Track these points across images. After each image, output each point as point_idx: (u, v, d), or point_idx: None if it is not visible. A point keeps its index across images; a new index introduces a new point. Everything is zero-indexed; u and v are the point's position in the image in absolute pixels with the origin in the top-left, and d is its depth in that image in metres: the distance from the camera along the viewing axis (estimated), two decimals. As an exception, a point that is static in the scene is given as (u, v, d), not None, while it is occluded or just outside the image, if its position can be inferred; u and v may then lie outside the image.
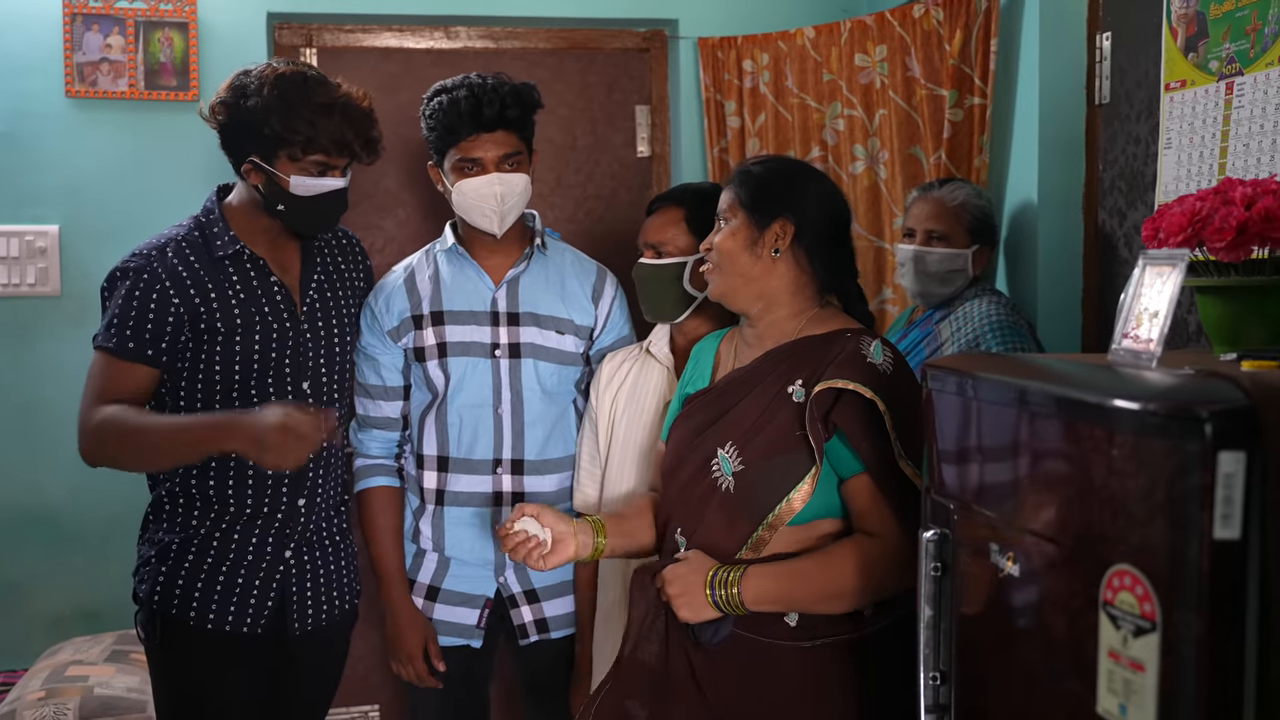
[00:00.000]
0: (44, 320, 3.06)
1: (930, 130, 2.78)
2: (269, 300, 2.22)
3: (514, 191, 2.33)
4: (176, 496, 2.22)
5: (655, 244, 2.30)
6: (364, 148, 2.20)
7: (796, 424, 1.83)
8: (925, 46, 2.77)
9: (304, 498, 2.26)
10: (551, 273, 2.45)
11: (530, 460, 2.39)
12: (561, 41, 3.37)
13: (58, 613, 3.08)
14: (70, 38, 2.99)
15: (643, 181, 3.44)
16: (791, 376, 1.87)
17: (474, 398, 2.38)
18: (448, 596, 2.42)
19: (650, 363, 2.39)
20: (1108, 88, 2.49)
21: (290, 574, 2.25)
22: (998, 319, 2.37)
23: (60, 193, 3.04)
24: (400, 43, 3.30)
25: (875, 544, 1.79)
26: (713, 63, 3.19)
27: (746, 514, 1.85)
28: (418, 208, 3.32)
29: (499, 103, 2.29)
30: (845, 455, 1.81)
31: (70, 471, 3.03)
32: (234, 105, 2.14)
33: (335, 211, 2.24)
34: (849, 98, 2.96)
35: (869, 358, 1.82)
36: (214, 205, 2.24)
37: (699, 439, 1.96)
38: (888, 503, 1.79)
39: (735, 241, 1.93)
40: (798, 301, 1.94)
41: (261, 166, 2.15)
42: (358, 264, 2.45)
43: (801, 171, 1.98)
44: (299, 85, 2.13)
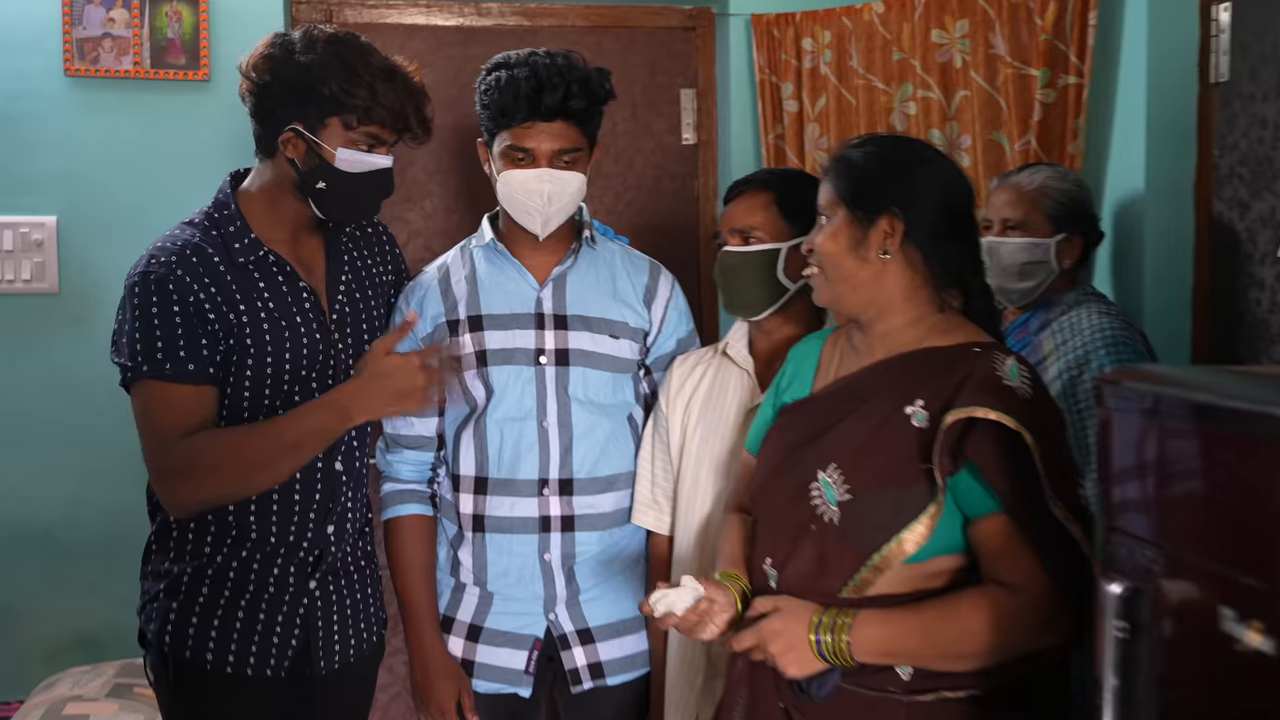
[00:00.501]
0: (40, 320, 2.82)
1: (1016, 114, 2.54)
2: (299, 310, 1.97)
3: (564, 192, 2.09)
4: (186, 522, 1.96)
5: (742, 229, 2.06)
6: (420, 124, 1.96)
7: (916, 453, 1.59)
8: (1013, 21, 2.53)
9: (333, 524, 2.01)
10: (601, 270, 2.21)
11: (580, 479, 2.14)
12: (600, 19, 3.12)
13: (55, 639, 2.86)
14: (70, 11, 2.76)
15: (688, 171, 3.19)
16: (910, 395, 1.63)
17: (516, 410, 2.12)
18: (491, 636, 2.16)
19: (727, 366, 2.15)
20: (1226, 64, 2.24)
21: (315, 608, 2.00)
22: (1111, 333, 2.12)
23: (58, 181, 2.81)
24: (427, 19, 3.05)
25: (1012, 597, 1.55)
26: (767, 41, 2.95)
27: (851, 550, 1.61)
28: (446, 199, 3.07)
29: (563, 90, 2.03)
30: (976, 492, 1.57)
31: (68, 484, 2.82)
32: (281, 60, 1.88)
33: (380, 195, 1.99)
34: (923, 78, 2.71)
35: (1005, 379, 1.57)
36: (229, 198, 1.98)
37: (797, 457, 1.71)
38: (1029, 549, 1.55)
39: (838, 243, 1.70)
40: (914, 307, 1.70)
41: (304, 135, 1.89)
42: (385, 256, 2.20)
43: (910, 154, 1.73)
44: (356, 47, 1.89)
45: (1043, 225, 2.24)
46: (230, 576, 1.94)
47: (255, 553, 1.95)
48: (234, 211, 1.95)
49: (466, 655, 2.15)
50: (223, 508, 1.93)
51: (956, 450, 1.56)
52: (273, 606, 1.96)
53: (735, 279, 2.08)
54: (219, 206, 1.97)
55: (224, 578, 1.94)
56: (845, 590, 1.61)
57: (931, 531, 1.57)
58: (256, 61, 1.90)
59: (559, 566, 2.14)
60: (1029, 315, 2.28)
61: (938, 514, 1.57)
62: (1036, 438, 1.52)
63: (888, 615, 1.57)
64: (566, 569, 2.14)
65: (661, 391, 2.21)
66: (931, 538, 1.58)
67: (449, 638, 2.17)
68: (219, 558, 1.94)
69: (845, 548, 1.61)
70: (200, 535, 1.95)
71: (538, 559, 2.13)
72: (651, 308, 2.22)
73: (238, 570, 1.95)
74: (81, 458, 2.81)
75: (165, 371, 1.84)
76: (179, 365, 1.85)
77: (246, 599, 1.94)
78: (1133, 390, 1.22)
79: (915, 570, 1.60)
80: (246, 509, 1.93)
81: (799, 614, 1.60)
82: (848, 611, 1.58)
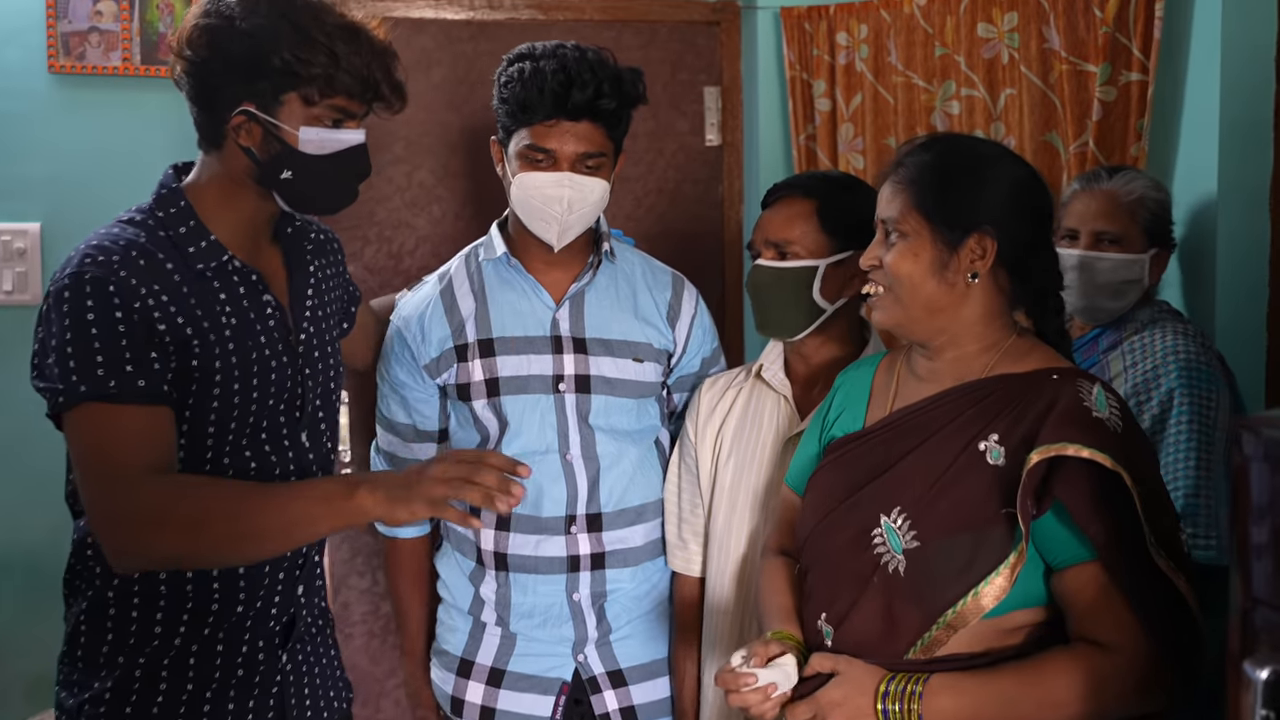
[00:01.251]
0: (23, 334, 2.57)
1: (1071, 113, 2.36)
2: (264, 329, 1.66)
3: (586, 199, 1.91)
4: (130, 596, 1.60)
5: (779, 242, 1.89)
6: (392, 89, 1.66)
7: (992, 495, 1.42)
8: (1069, 13, 2.36)
9: (303, 584, 1.73)
10: (622, 286, 2.04)
11: (609, 513, 1.97)
12: (619, 13, 2.95)
13: (40, 672, 2.68)
14: (54, 3, 2.59)
15: (711, 174, 3.02)
16: (983, 428, 1.46)
17: (535, 443, 1.96)
18: (515, 681, 1.99)
19: (762, 390, 1.97)
20: (1308, 60, 2.07)
21: (288, 684, 1.72)
22: (1186, 356, 1.95)
23: (42, 185, 2.66)
24: (437, 13, 2.88)
25: (1107, 658, 1.38)
26: (798, 36, 2.78)
27: (919, 606, 1.45)
28: (455, 204, 2.90)
29: (594, 88, 1.87)
30: (1063, 538, 1.41)
31: (54, 509, 2.61)
32: (221, 31, 1.57)
33: (357, 177, 1.69)
34: (968, 75, 2.54)
35: (1094, 410, 1.40)
36: (176, 192, 1.64)
37: (854, 499, 1.54)
38: (1128, 603, 1.38)
39: (918, 265, 1.51)
40: (992, 332, 1.54)
41: (259, 117, 1.58)
42: (337, 265, 1.90)
43: (991, 156, 1.55)
44: (305, 6, 1.59)
45: (1138, 239, 2.08)
46: (191, 663, 1.61)
47: (219, 628, 1.63)
48: (185, 208, 1.62)
49: (487, 702, 1.99)
50: (180, 570, 1.60)
51: (1041, 491, 1.39)
52: (243, 691, 1.65)
53: (767, 297, 1.91)
54: (164, 203, 1.64)
55: (184, 666, 1.61)
56: (912, 651, 1.44)
57: (1012, 583, 1.41)
58: (190, 35, 1.59)
59: (589, 606, 1.97)
60: (1099, 331, 2.10)
61: (1019, 563, 1.40)
62: (1134, 477, 1.36)
63: (963, 682, 1.41)
64: (597, 608, 1.98)
65: (689, 417, 2.04)
66: (1012, 590, 1.41)
67: (468, 683, 2.00)
68: (176, 640, 1.61)
69: (912, 603, 1.45)
70: (148, 611, 1.60)
71: (566, 599, 1.97)
72: (676, 326, 2.05)
73: (199, 655, 1.62)
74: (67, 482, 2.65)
75: (109, 390, 1.49)
76: (126, 382, 1.50)
77: (214, 687, 1.62)
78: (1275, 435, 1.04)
79: (991, 626, 1.44)
80: (208, 571, 1.61)
81: (862, 681, 1.43)
82: (917, 678, 1.41)
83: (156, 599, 1.60)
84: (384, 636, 2.84)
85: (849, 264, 1.88)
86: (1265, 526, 1.07)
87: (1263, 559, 1.07)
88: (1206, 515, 1.86)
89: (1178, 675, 1.39)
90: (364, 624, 2.82)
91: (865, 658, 1.47)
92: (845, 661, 1.46)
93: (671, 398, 2.11)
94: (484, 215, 2.86)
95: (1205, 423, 1.90)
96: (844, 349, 1.94)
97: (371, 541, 2.85)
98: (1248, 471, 1.08)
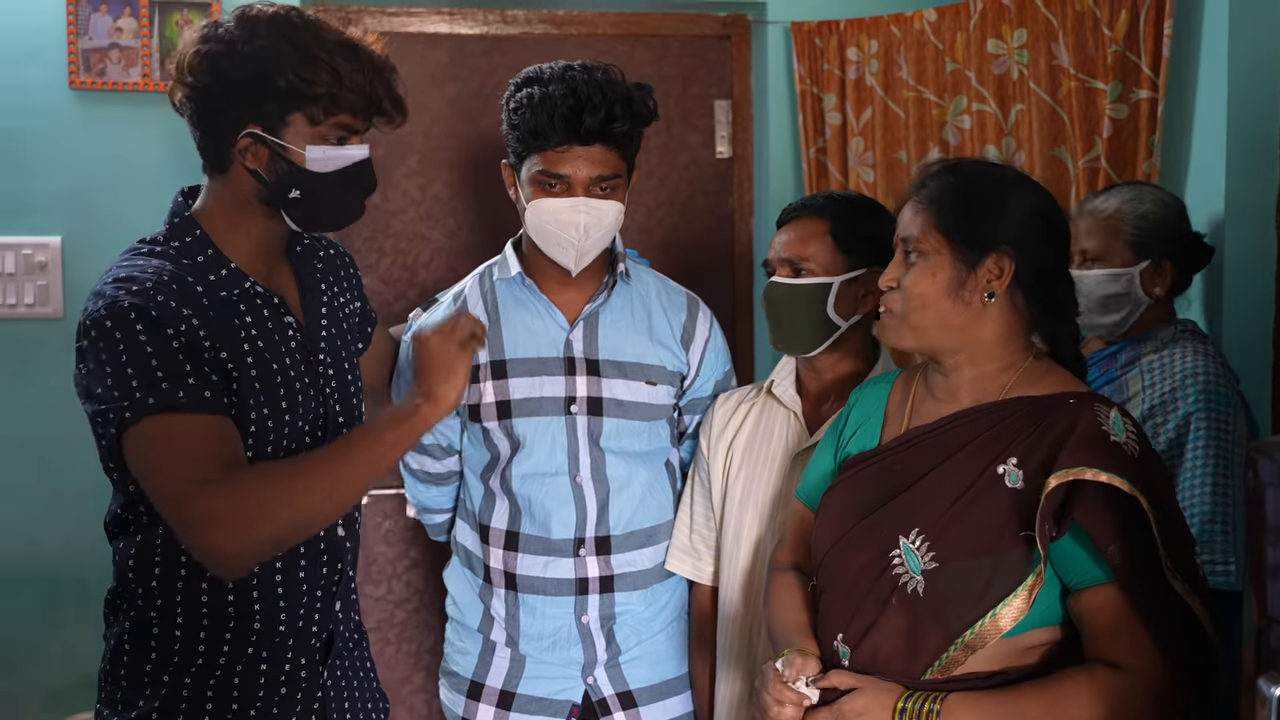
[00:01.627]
0: (44, 345, 2.68)
1: (1080, 129, 2.39)
2: (288, 352, 1.67)
3: (601, 223, 1.90)
4: (174, 617, 1.61)
5: (794, 260, 1.91)
6: (393, 103, 1.67)
7: (1011, 518, 1.43)
8: (1078, 30, 2.38)
9: (340, 599, 1.76)
10: (637, 307, 2.03)
11: (618, 535, 1.98)
12: (632, 27, 2.98)
13: (57, 683, 2.71)
14: (75, 20, 2.61)
15: (722, 186, 3.04)
16: (1001, 451, 1.47)
17: (545, 464, 1.96)
18: (525, 704, 2.00)
19: (773, 406, 2.00)
20: (1315, 78, 2.09)
21: (329, 700, 1.74)
22: (1206, 378, 1.94)
23: (63, 199, 2.67)
24: (451, 28, 2.90)
25: (1123, 680, 1.39)
26: (809, 51, 2.80)
27: (938, 627, 1.46)
28: (469, 216, 2.92)
29: (605, 111, 1.84)
30: (1081, 560, 1.42)
31: (72, 522, 2.68)
32: (223, 56, 1.57)
33: (363, 192, 1.70)
34: (978, 90, 2.56)
35: (1112, 435, 1.42)
36: (190, 220, 1.64)
37: (872, 519, 1.55)
38: (1144, 625, 1.40)
39: (935, 284, 1.52)
40: (1009, 353, 1.55)
41: (265, 139, 1.59)
42: (350, 281, 1.91)
43: (1012, 181, 1.57)
44: (305, 25, 1.60)
45: (1120, 253, 2.05)
46: (236, 682, 1.63)
47: (262, 648, 1.65)
48: (201, 237, 1.63)
49: None
50: (221, 591, 1.61)
51: (1059, 514, 1.41)
52: (286, 709, 1.67)
53: (782, 313, 1.93)
54: (179, 232, 1.64)
55: (229, 685, 1.62)
56: (930, 671, 1.46)
57: (1030, 605, 1.42)
58: (192, 61, 1.58)
59: (598, 629, 1.99)
60: (1118, 348, 2.09)
61: (1037, 585, 1.42)
62: (1151, 501, 1.38)
63: (980, 701, 1.42)
64: (606, 630, 1.99)
65: (703, 433, 2.06)
66: (1030, 611, 1.43)
67: (479, 705, 2.01)
68: (221, 659, 1.62)
69: (931, 624, 1.46)
70: (191, 631, 1.61)
71: (574, 622, 1.98)
72: (690, 349, 2.05)
73: (243, 674, 1.63)
74: (86, 493, 2.65)
75: (178, 400, 1.48)
76: (192, 393, 1.49)
77: (258, 705, 1.64)
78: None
79: (1008, 645, 1.45)
80: (248, 590, 1.63)
81: (882, 698, 1.45)
82: (935, 696, 1.43)
83: (199, 619, 1.61)
84: (398, 644, 2.87)
85: (863, 281, 1.90)
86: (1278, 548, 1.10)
87: (1278, 580, 1.10)
88: (1224, 542, 1.86)
89: (1193, 698, 1.40)
90: (379, 632, 2.84)
91: (882, 677, 1.48)
92: (867, 679, 1.49)
93: (683, 419, 2.11)
94: (498, 228, 2.89)
95: (1223, 448, 1.89)
96: (856, 365, 1.96)
97: (386, 550, 2.87)
98: (1262, 495, 1.11)
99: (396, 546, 2.88)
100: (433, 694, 2.91)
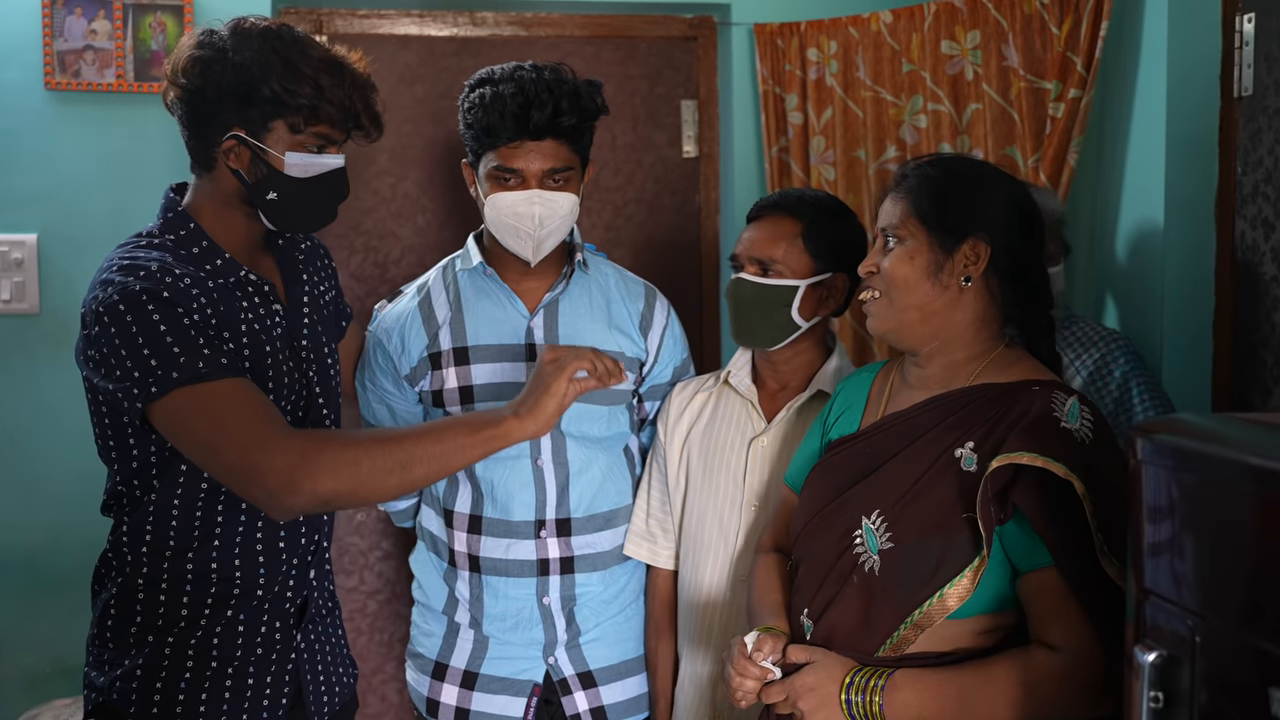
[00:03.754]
0: (20, 341, 2.72)
1: (1030, 128, 2.45)
2: (269, 337, 1.78)
3: (556, 214, 1.97)
4: (159, 582, 1.75)
5: (763, 260, 1.96)
6: (370, 119, 1.78)
7: (962, 500, 1.47)
8: (1026, 32, 2.44)
9: (315, 568, 1.87)
10: (595, 295, 2.09)
11: (578, 518, 2.04)
12: (599, 29, 3.03)
13: (36, 669, 2.76)
14: (50, 22, 2.66)
15: (688, 185, 3.10)
16: (960, 435, 1.52)
17: (507, 449, 2.02)
18: (487, 683, 2.06)
19: (729, 395, 2.05)
20: (1250, 77, 2.14)
21: (303, 661, 1.86)
22: (1125, 343, 2.05)
23: (38, 197, 2.71)
24: (421, 30, 2.96)
25: (1056, 661, 1.43)
26: (771, 52, 2.85)
27: (890, 604, 1.51)
28: (439, 214, 2.98)
29: (552, 107, 1.91)
30: (1026, 544, 1.46)
31: (49, 510, 2.73)
32: (214, 61, 1.68)
33: (336, 199, 1.81)
34: (934, 90, 2.62)
35: (1063, 421, 1.46)
36: (184, 215, 1.76)
37: (840, 500, 1.61)
38: (1080, 608, 1.43)
39: (913, 267, 1.57)
40: (980, 340, 1.59)
41: (248, 142, 1.70)
42: (326, 272, 2.01)
43: (990, 175, 1.62)
44: (294, 40, 1.71)
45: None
46: (215, 642, 1.75)
47: (240, 611, 1.77)
48: (195, 229, 1.74)
49: (461, 704, 2.06)
50: (205, 557, 1.74)
51: (1003, 497, 1.44)
52: (261, 667, 1.80)
53: (745, 310, 1.98)
54: (174, 225, 1.75)
55: (208, 645, 1.75)
56: (883, 649, 1.51)
57: (975, 585, 1.46)
58: (185, 64, 1.70)
59: (559, 610, 2.04)
60: None
61: (982, 567, 1.45)
62: (1090, 486, 1.40)
63: (923, 678, 1.47)
64: (567, 611, 2.05)
65: (660, 420, 2.12)
66: (980, 593, 1.47)
67: (443, 685, 2.07)
68: (201, 621, 1.75)
69: (885, 602, 1.51)
70: (175, 594, 1.74)
71: (536, 603, 2.04)
72: (648, 336, 2.11)
73: (223, 633, 1.76)
74: (64, 483, 2.72)
75: (199, 371, 1.57)
76: (211, 361, 1.59)
77: (235, 664, 1.77)
78: (1170, 444, 1.13)
79: (963, 627, 1.49)
80: (230, 556, 1.76)
81: (832, 671, 1.50)
82: (882, 672, 1.48)
83: (183, 583, 1.73)
84: (370, 634, 2.93)
85: (826, 284, 1.96)
86: (1156, 525, 1.16)
87: (1154, 555, 1.16)
88: None
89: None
90: (351, 621, 2.90)
91: (840, 653, 1.53)
92: (820, 653, 1.53)
93: (643, 406, 2.17)
94: (467, 225, 2.94)
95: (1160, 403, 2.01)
96: (811, 357, 2.02)
97: (358, 542, 2.93)
98: (1140, 474, 1.17)
99: (369, 538, 2.94)
100: (405, 682, 2.97)
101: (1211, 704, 1.06)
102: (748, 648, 1.58)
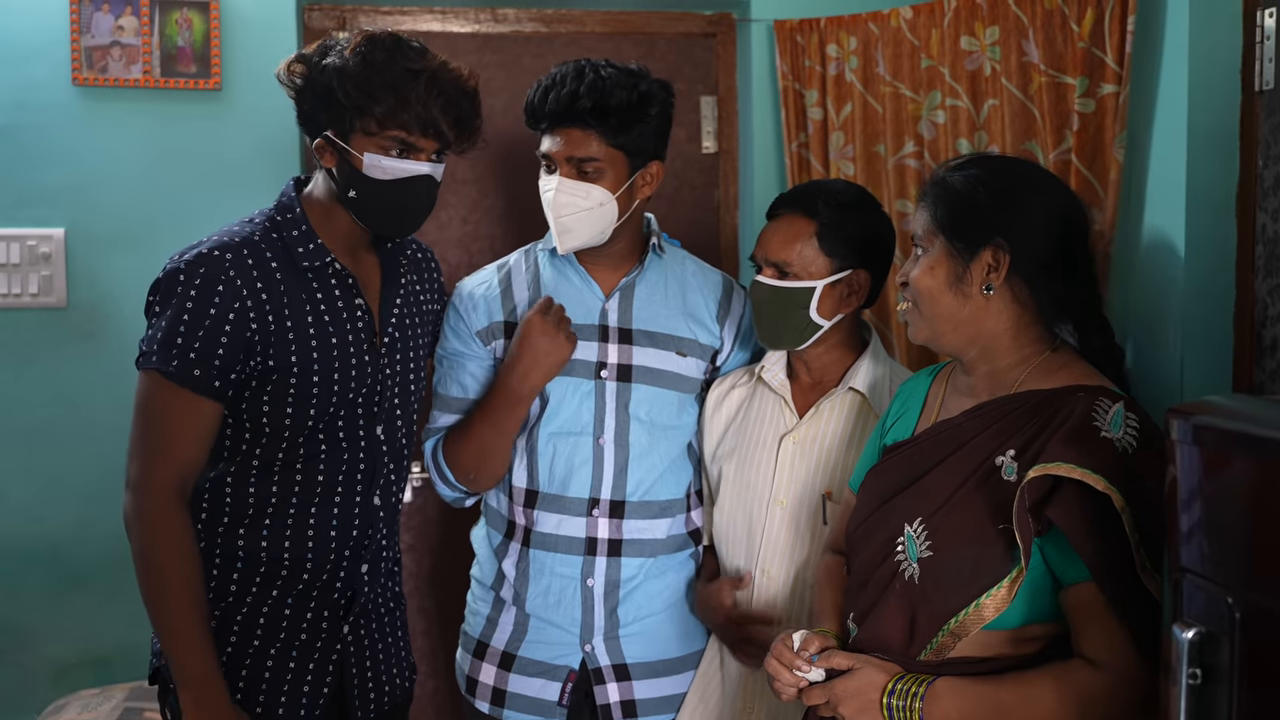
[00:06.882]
0: (48, 335, 2.75)
1: (1051, 124, 2.46)
2: (352, 328, 1.89)
3: (576, 204, 1.98)
4: (212, 556, 1.85)
5: (779, 263, 1.98)
6: (454, 128, 1.85)
7: (999, 510, 1.46)
8: (1046, 28, 2.45)
9: (368, 562, 1.92)
10: (671, 282, 2.13)
11: (633, 502, 2.06)
12: (619, 25, 3.06)
13: (63, 660, 2.79)
14: (77, 19, 2.69)
15: (708, 180, 3.12)
16: (1002, 443, 1.51)
17: (571, 424, 2.05)
18: (524, 665, 2.08)
19: (763, 391, 2.07)
20: (1271, 71, 2.15)
21: (349, 654, 1.90)
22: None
23: (66, 192, 2.74)
24: (443, 26, 2.98)
25: (1098, 677, 1.43)
26: (791, 48, 2.87)
27: (928, 612, 1.51)
28: (462, 209, 3.01)
29: (570, 93, 1.95)
30: (1065, 556, 1.45)
31: (76, 503, 2.76)
32: (312, 64, 1.83)
33: (418, 204, 1.88)
34: (952, 86, 2.63)
35: (1104, 430, 1.44)
36: (293, 200, 1.90)
37: (886, 507, 1.62)
38: (1120, 624, 1.41)
39: (935, 279, 1.58)
40: (1022, 346, 1.58)
41: (335, 142, 1.83)
42: (433, 284, 2.11)
43: (1017, 176, 1.61)
44: (387, 48, 1.82)
45: None
46: (261, 621, 1.84)
47: (287, 594, 1.85)
48: (299, 215, 1.88)
49: (499, 684, 2.08)
50: (256, 536, 1.83)
51: (1039, 509, 1.43)
52: (305, 652, 1.85)
53: (765, 312, 2.01)
54: (283, 209, 1.90)
55: (254, 623, 1.84)
56: (924, 654, 1.51)
57: (1013, 596, 1.45)
58: (290, 66, 1.86)
59: (600, 595, 2.06)
60: None
61: (1020, 579, 1.45)
62: (1130, 499, 1.38)
63: (964, 687, 1.47)
64: (609, 598, 2.06)
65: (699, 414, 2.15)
66: (1022, 603, 1.47)
67: (483, 665, 2.10)
68: (248, 598, 1.84)
69: (923, 610, 1.52)
70: (226, 571, 1.85)
71: (580, 583, 2.06)
72: (725, 325, 2.13)
73: (269, 614, 1.84)
74: (90, 476, 2.75)
75: (173, 370, 1.75)
76: (188, 369, 1.75)
77: (278, 645, 1.84)
78: (1205, 424, 1.14)
79: (1005, 635, 1.49)
80: (280, 536, 1.83)
81: (875, 676, 1.51)
82: (923, 679, 1.48)
83: (234, 560, 1.84)
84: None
85: (846, 281, 1.97)
86: (1191, 504, 1.17)
87: (1191, 534, 1.18)
88: None
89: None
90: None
91: (884, 657, 1.54)
92: (863, 659, 1.54)
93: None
94: (489, 220, 2.97)
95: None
96: (843, 353, 2.04)
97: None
98: (1175, 454, 1.19)
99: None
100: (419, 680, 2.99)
101: (1252, 679, 1.08)
102: (795, 644, 1.60)
